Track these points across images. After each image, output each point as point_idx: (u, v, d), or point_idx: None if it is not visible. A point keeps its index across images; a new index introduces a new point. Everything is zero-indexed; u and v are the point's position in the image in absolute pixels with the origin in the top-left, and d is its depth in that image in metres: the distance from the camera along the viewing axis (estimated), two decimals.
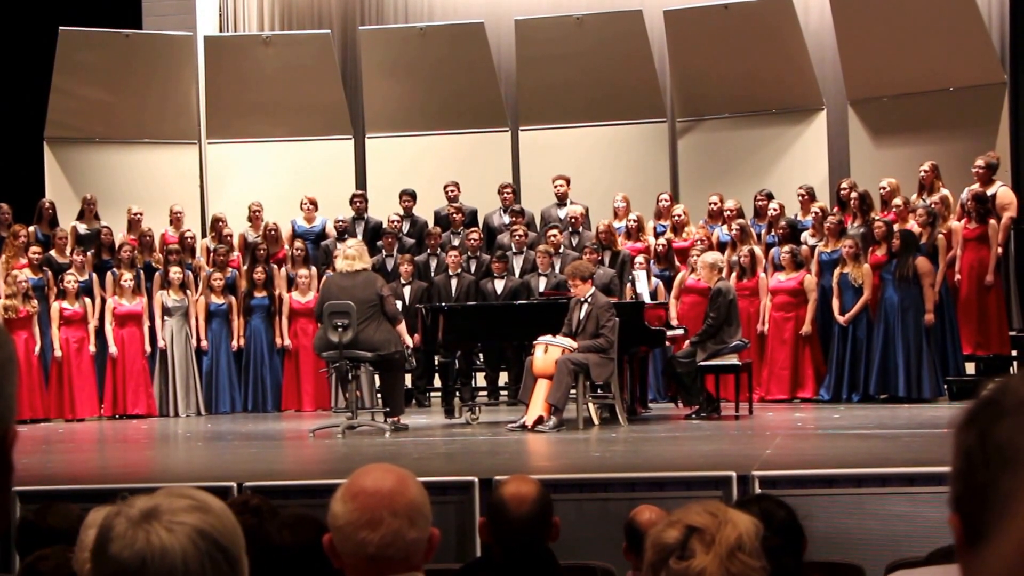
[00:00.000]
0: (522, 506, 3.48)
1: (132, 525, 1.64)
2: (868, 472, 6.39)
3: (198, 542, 1.63)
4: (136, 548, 1.62)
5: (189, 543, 1.62)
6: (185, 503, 1.67)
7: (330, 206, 14.16)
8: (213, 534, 1.65)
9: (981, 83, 13.23)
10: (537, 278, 12.36)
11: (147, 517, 1.65)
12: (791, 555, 3.21)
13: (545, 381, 9.90)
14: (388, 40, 15.68)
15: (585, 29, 14.95)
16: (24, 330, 12.34)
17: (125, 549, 1.62)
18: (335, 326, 9.83)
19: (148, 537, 1.62)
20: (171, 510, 1.66)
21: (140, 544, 1.62)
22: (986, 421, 1.15)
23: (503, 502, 3.49)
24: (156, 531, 1.63)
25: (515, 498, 3.49)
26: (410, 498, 2.37)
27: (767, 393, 12.08)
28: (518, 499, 3.50)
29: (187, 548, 1.62)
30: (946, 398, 11.46)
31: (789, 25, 14.11)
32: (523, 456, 8.65)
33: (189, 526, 1.63)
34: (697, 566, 1.99)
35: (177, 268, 13.06)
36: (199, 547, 1.62)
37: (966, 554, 1.15)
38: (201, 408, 13.07)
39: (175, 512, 1.65)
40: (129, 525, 1.64)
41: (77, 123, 14.97)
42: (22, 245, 12.95)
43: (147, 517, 1.65)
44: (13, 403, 1.42)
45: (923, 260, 11.36)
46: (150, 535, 1.62)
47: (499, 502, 3.51)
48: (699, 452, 8.35)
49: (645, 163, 14.81)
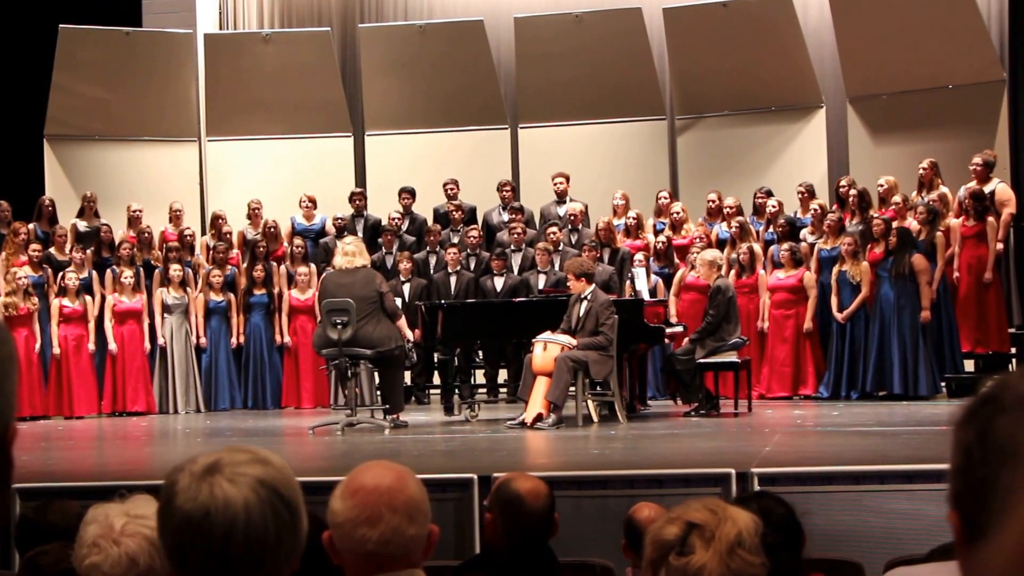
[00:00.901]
0: (538, 501, 3.50)
1: (195, 479, 1.70)
2: (867, 469, 6.39)
3: (260, 492, 1.69)
4: (200, 500, 1.68)
5: (251, 493, 1.68)
6: (246, 456, 1.73)
7: (330, 203, 14.16)
8: (274, 484, 1.71)
9: (980, 80, 13.23)
10: (536, 275, 12.36)
11: (210, 471, 1.71)
12: (790, 552, 3.21)
13: (544, 378, 9.90)
14: (388, 38, 15.68)
15: (584, 27, 14.95)
16: (24, 327, 12.34)
17: (189, 502, 1.68)
18: (334, 323, 9.83)
19: (211, 489, 1.68)
20: (232, 463, 1.71)
21: (204, 496, 1.68)
22: (985, 418, 1.15)
23: (520, 498, 3.49)
24: (219, 483, 1.69)
25: (531, 493, 3.50)
26: (409, 495, 2.37)
27: (769, 390, 12.09)
28: (534, 494, 3.51)
29: (249, 498, 1.68)
30: (943, 395, 11.47)
31: (788, 22, 14.11)
32: (522, 453, 8.65)
33: (251, 477, 1.69)
34: (697, 562, 1.99)
35: (177, 265, 13.06)
36: (261, 496, 1.68)
37: (965, 551, 1.15)
38: (200, 405, 13.08)
39: (236, 465, 1.71)
40: (192, 479, 1.70)
41: (77, 121, 14.97)
42: (22, 242, 12.95)
43: (210, 471, 1.71)
44: (13, 400, 1.42)
45: (919, 257, 11.36)
46: (213, 487, 1.69)
47: (515, 498, 3.50)
48: (698, 449, 8.34)
49: (644, 161, 14.82)
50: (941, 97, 13.37)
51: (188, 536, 1.66)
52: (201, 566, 1.67)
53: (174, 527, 1.68)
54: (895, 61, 13.51)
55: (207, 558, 1.66)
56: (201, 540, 1.66)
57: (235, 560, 1.66)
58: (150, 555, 2.61)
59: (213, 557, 1.66)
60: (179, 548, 1.69)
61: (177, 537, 1.68)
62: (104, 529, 2.62)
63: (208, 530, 1.65)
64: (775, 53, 14.22)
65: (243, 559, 1.66)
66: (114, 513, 2.65)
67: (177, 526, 1.67)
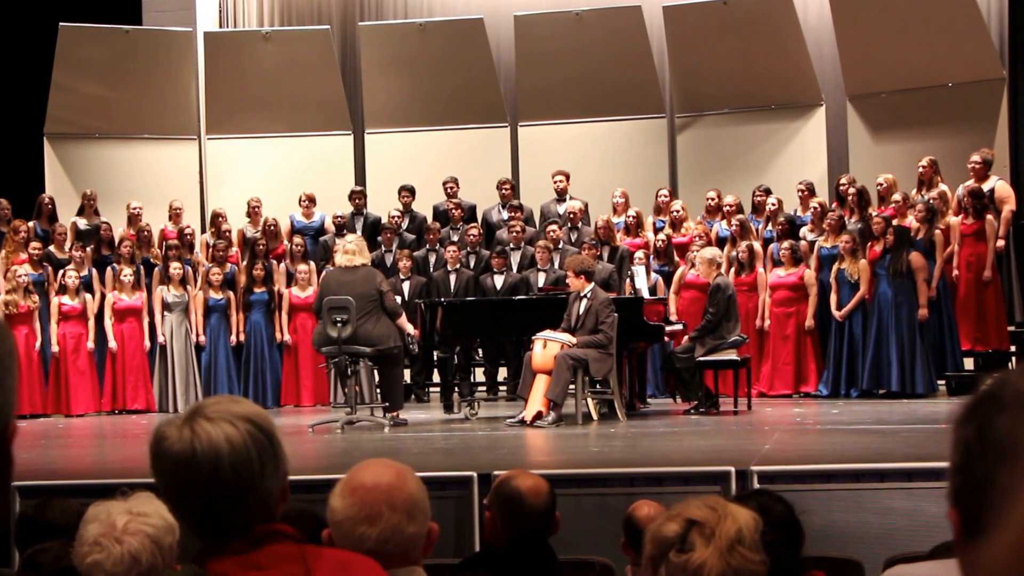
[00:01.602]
0: (539, 498, 3.49)
1: (178, 427, 1.86)
2: (866, 467, 6.39)
3: (238, 424, 1.85)
4: (185, 441, 1.83)
5: (230, 427, 1.84)
6: (220, 400, 1.91)
7: (329, 202, 14.16)
8: (250, 416, 1.87)
9: (980, 79, 13.23)
10: (536, 274, 12.36)
11: (191, 417, 1.87)
12: (789, 550, 3.21)
13: (544, 376, 9.90)
14: (387, 36, 15.67)
15: (584, 25, 14.95)
16: (24, 325, 12.35)
17: (175, 444, 1.84)
18: (334, 321, 9.83)
19: (193, 430, 1.84)
20: (209, 406, 1.88)
21: (187, 437, 1.83)
22: (985, 415, 1.15)
23: (520, 495, 3.49)
24: (200, 424, 1.85)
25: (532, 491, 3.50)
26: (409, 493, 2.38)
27: (771, 388, 12.09)
28: (535, 492, 3.50)
29: (229, 431, 1.83)
30: (942, 393, 11.47)
31: (788, 21, 14.11)
32: (522, 451, 8.65)
33: (227, 412, 1.86)
34: (697, 559, 1.99)
35: (177, 263, 13.06)
36: (240, 429, 1.84)
37: (965, 548, 1.16)
38: None
39: (213, 405, 1.88)
40: (176, 427, 1.86)
41: (77, 119, 14.97)
42: (22, 241, 12.95)
43: (191, 417, 1.87)
44: (13, 397, 1.42)
45: (916, 255, 11.37)
46: (195, 428, 1.84)
47: (515, 495, 3.50)
48: (698, 447, 8.35)
49: (644, 159, 14.82)
50: (941, 95, 13.37)
51: (180, 476, 1.80)
52: (197, 500, 1.81)
53: (166, 471, 1.82)
54: (895, 59, 13.51)
55: (200, 491, 1.80)
56: (192, 476, 1.79)
57: (226, 488, 1.79)
58: (152, 553, 2.61)
59: (205, 489, 1.80)
60: (174, 488, 1.83)
61: (170, 478, 1.82)
62: (106, 527, 2.62)
63: (197, 466, 1.79)
64: (775, 51, 14.22)
65: (233, 486, 1.80)
66: (116, 511, 2.65)
67: (168, 469, 1.81)
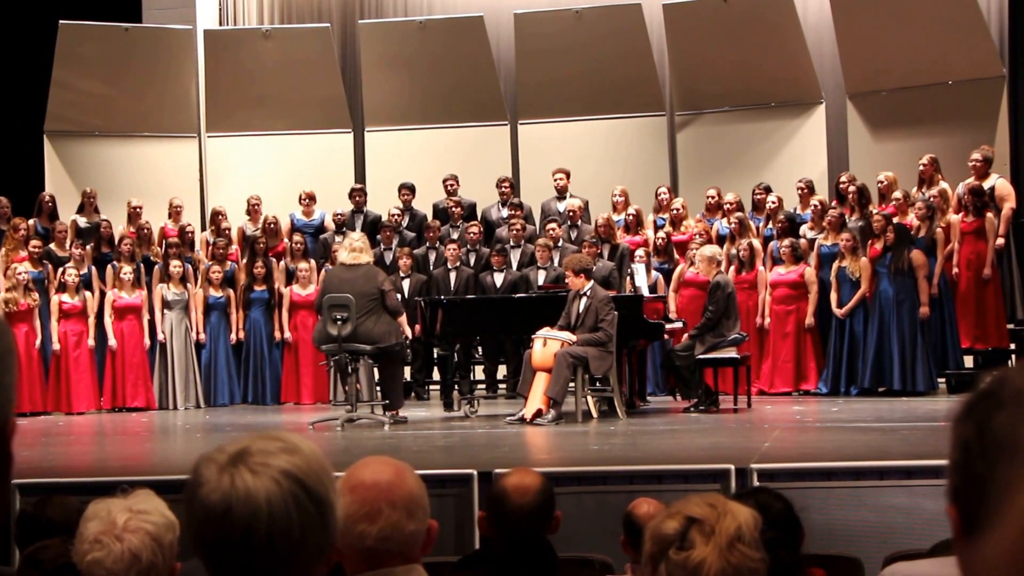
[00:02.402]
0: (524, 497, 3.47)
1: (219, 469, 1.64)
2: (866, 465, 6.39)
3: (283, 483, 1.62)
4: (222, 492, 1.62)
5: (273, 484, 1.61)
6: (273, 445, 1.66)
7: (329, 199, 14.16)
8: (299, 475, 1.63)
9: (980, 76, 13.22)
10: (536, 271, 12.36)
11: (234, 461, 1.64)
12: (789, 548, 3.21)
13: (544, 374, 9.90)
14: (387, 34, 15.67)
15: (584, 23, 14.94)
16: (24, 323, 12.34)
17: (212, 493, 1.63)
18: (334, 319, 9.83)
19: (233, 481, 1.62)
20: (259, 452, 1.65)
21: (225, 488, 1.62)
22: (984, 413, 1.15)
23: (505, 493, 3.48)
24: (241, 474, 1.62)
25: (517, 489, 3.49)
26: (408, 490, 2.37)
27: (771, 386, 12.09)
28: (520, 490, 3.49)
29: (271, 489, 1.61)
30: (942, 391, 11.47)
31: (788, 19, 14.11)
32: (522, 449, 8.65)
33: (274, 468, 1.63)
34: (697, 557, 1.99)
35: (177, 261, 13.06)
36: (283, 488, 1.61)
37: (963, 545, 1.16)
38: (200, 401, 13.08)
39: (262, 454, 1.65)
40: (216, 469, 1.65)
41: (77, 116, 14.97)
42: (22, 238, 12.95)
43: (234, 461, 1.64)
44: (12, 395, 1.42)
45: (918, 253, 11.37)
46: (235, 478, 1.62)
47: (500, 493, 3.50)
48: (697, 445, 8.34)
49: (644, 157, 14.82)
50: (941, 93, 13.36)
51: (210, 529, 1.62)
52: (224, 560, 1.63)
53: (198, 519, 1.64)
54: (895, 57, 13.51)
55: (229, 552, 1.61)
56: (223, 534, 1.61)
57: (258, 555, 1.60)
58: (153, 551, 2.61)
59: (235, 551, 1.61)
60: (202, 541, 1.64)
61: (200, 529, 1.64)
62: (106, 525, 2.62)
63: (229, 523, 1.60)
64: (775, 49, 14.21)
65: (267, 554, 1.60)
66: (116, 509, 2.64)
67: (200, 518, 1.63)
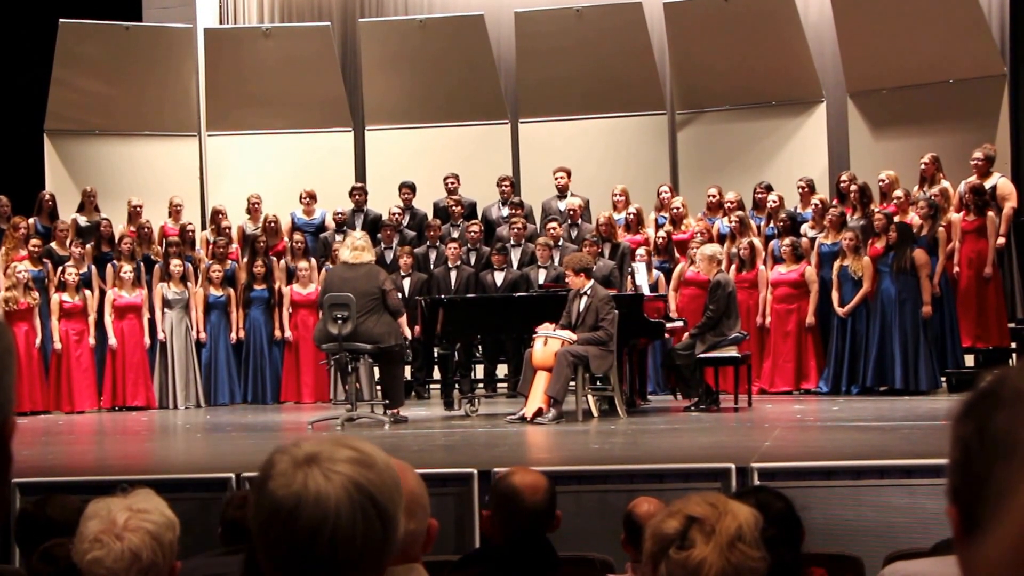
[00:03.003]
0: (535, 495, 3.47)
1: (293, 465, 1.65)
2: (866, 464, 6.39)
3: (353, 494, 1.62)
4: (293, 489, 1.62)
5: (344, 493, 1.62)
6: (348, 454, 1.66)
7: (330, 198, 14.16)
8: (369, 488, 1.64)
9: (981, 75, 13.22)
10: (536, 270, 12.36)
11: (309, 460, 1.65)
12: (789, 547, 3.21)
13: (544, 373, 9.90)
14: (388, 32, 15.67)
15: (585, 21, 14.94)
16: (24, 322, 12.34)
17: (282, 488, 1.63)
18: (335, 318, 9.83)
19: (306, 480, 1.63)
20: (332, 458, 1.65)
21: (297, 486, 1.62)
22: (984, 412, 1.15)
23: (516, 492, 3.47)
24: (314, 475, 1.63)
25: (529, 488, 3.48)
26: (408, 489, 2.36)
27: (771, 385, 12.09)
28: (532, 488, 3.48)
29: (341, 497, 1.62)
30: (944, 390, 11.47)
31: (789, 17, 14.10)
32: (522, 448, 8.65)
33: (346, 476, 1.63)
34: (697, 556, 1.99)
35: (177, 260, 13.06)
36: (353, 498, 1.62)
37: (963, 545, 1.16)
38: (200, 400, 13.08)
39: (336, 461, 1.65)
40: (291, 465, 1.65)
41: (77, 115, 14.97)
42: (22, 237, 12.95)
43: (309, 460, 1.65)
44: (12, 394, 1.42)
45: (920, 252, 11.36)
46: (308, 478, 1.63)
47: (511, 491, 3.49)
48: (698, 444, 8.34)
49: (645, 155, 14.81)
50: (942, 91, 13.36)
51: (276, 524, 1.63)
52: (282, 557, 1.64)
53: (265, 511, 1.64)
54: (896, 55, 13.50)
55: (291, 550, 1.62)
56: (288, 530, 1.62)
57: (317, 559, 1.61)
58: (153, 550, 2.61)
59: (297, 550, 1.62)
60: (266, 534, 1.65)
61: (266, 522, 1.65)
62: (106, 524, 2.62)
63: (295, 521, 1.61)
64: (775, 48, 14.21)
65: (326, 559, 1.61)
66: (116, 508, 2.64)
67: (268, 511, 1.64)
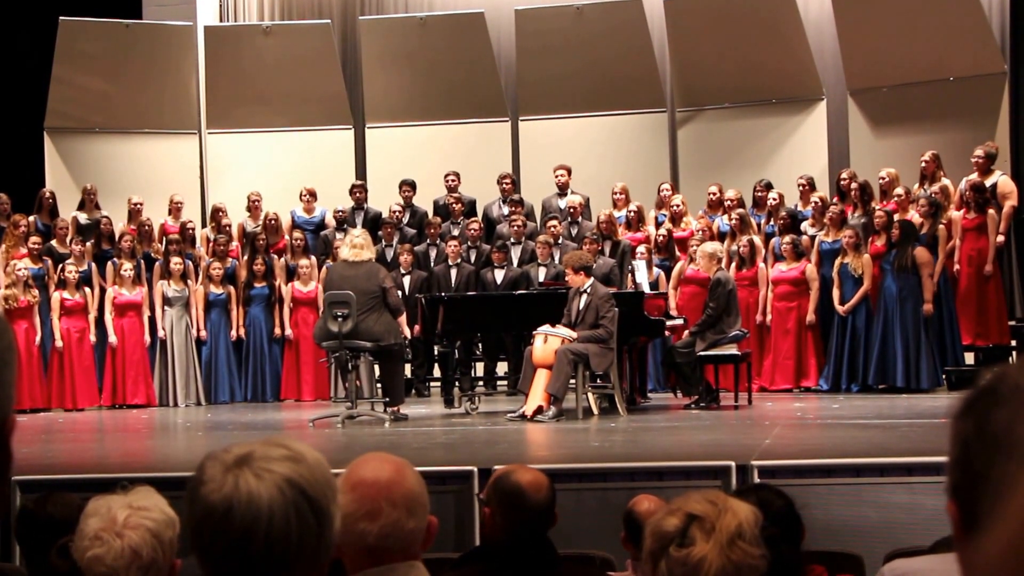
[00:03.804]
0: (539, 493, 3.48)
1: (223, 470, 1.65)
2: (867, 462, 6.39)
3: (286, 491, 1.63)
4: (224, 492, 1.63)
5: (276, 491, 1.62)
6: (279, 452, 1.67)
7: (330, 196, 14.16)
8: (302, 484, 1.65)
9: (981, 73, 13.22)
10: (537, 268, 12.36)
11: (240, 463, 1.65)
12: (789, 544, 3.21)
13: (544, 371, 9.90)
14: (388, 30, 15.67)
15: (585, 19, 14.94)
16: (24, 320, 12.35)
17: (213, 492, 1.64)
18: (335, 316, 9.83)
19: (236, 482, 1.63)
20: (263, 457, 1.66)
21: (228, 489, 1.63)
22: (983, 409, 1.15)
23: (521, 489, 3.47)
24: (246, 477, 1.63)
25: (533, 485, 3.48)
26: (408, 488, 2.37)
27: (771, 383, 12.09)
28: (536, 486, 3.49)
29: (274, 495, 1.62)
30: (944, 388, 11.47)
31: (789, 15, 14.10)
32: (522, 446, 8.65)
33: (278, 475, 1.64)
34: (697, 554, 1.99)
35: (177, 258, 13.07)
36: (286, 496, 1.63)
37: (963, 542, 1.16)
38: (200, 398, 13.09)
39: (267, 460, 1.66)
40: (221, 469, 1.65)
41: (77, 113, 14.97)
42: (22, 235, 12.96)
43: (240, 463, 1.65)
44: (12, 392, 1.42)
45: (922, 250, 11.36)
46: (239, 480, 1.63)
47: (516, 489, 3.49)
48: (698, 442, 8.34)
49: (645, 153, 14.81)
50: (942, 89, 13.36)
51: (209, 528, 1.63)
52: (219, 560, 1.64)
53: (198, 517, 1.65)
54: (896, 53, 13.50)
55: (225, 552, 1.63)
56: (221, 534, 1.62)
57: (253, 559, 1.62)
58: (153, 547, 2.61)
59: (231, 552, 1.62)
60: (200, 539, 1.66)
61: (199, 528, 1.66)
62: (106, 522, 2.62)
63: (229, 524, 1.62)
64: (776, 45, 14.20)
65: (263, 559, 1.62)
66: (116, 505, 2.64)
67: (200, 516, 1.65)
